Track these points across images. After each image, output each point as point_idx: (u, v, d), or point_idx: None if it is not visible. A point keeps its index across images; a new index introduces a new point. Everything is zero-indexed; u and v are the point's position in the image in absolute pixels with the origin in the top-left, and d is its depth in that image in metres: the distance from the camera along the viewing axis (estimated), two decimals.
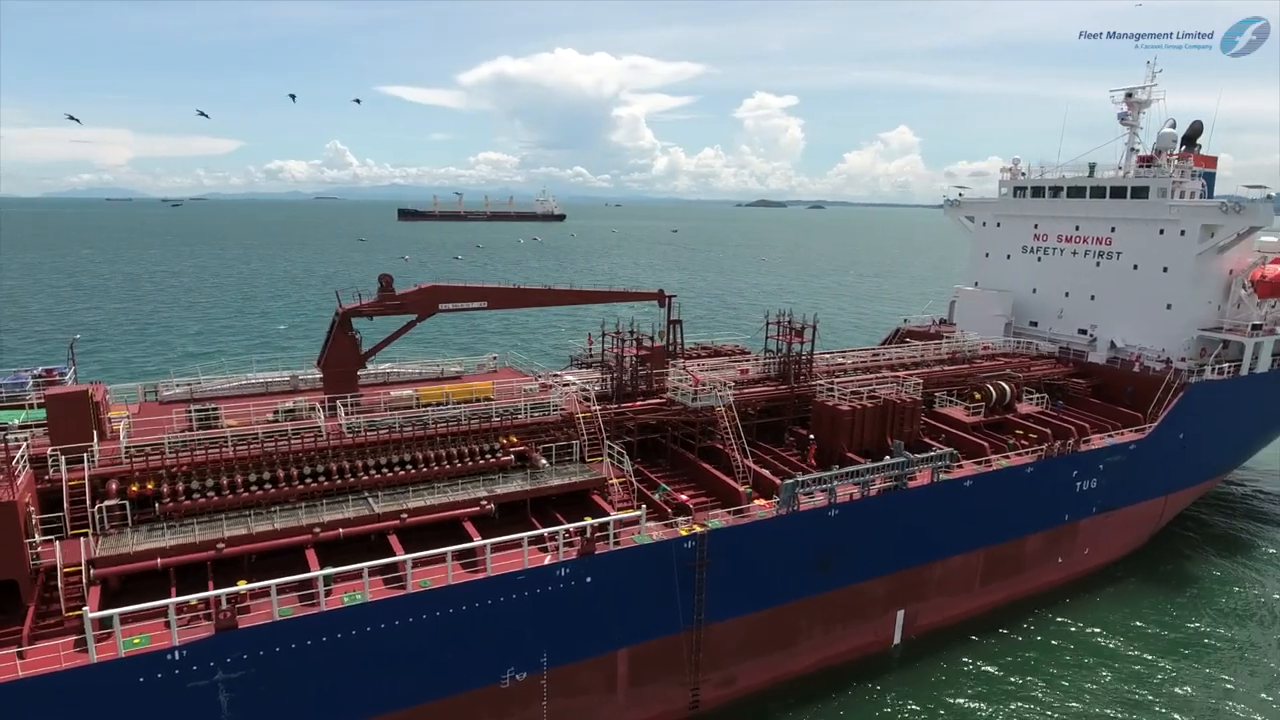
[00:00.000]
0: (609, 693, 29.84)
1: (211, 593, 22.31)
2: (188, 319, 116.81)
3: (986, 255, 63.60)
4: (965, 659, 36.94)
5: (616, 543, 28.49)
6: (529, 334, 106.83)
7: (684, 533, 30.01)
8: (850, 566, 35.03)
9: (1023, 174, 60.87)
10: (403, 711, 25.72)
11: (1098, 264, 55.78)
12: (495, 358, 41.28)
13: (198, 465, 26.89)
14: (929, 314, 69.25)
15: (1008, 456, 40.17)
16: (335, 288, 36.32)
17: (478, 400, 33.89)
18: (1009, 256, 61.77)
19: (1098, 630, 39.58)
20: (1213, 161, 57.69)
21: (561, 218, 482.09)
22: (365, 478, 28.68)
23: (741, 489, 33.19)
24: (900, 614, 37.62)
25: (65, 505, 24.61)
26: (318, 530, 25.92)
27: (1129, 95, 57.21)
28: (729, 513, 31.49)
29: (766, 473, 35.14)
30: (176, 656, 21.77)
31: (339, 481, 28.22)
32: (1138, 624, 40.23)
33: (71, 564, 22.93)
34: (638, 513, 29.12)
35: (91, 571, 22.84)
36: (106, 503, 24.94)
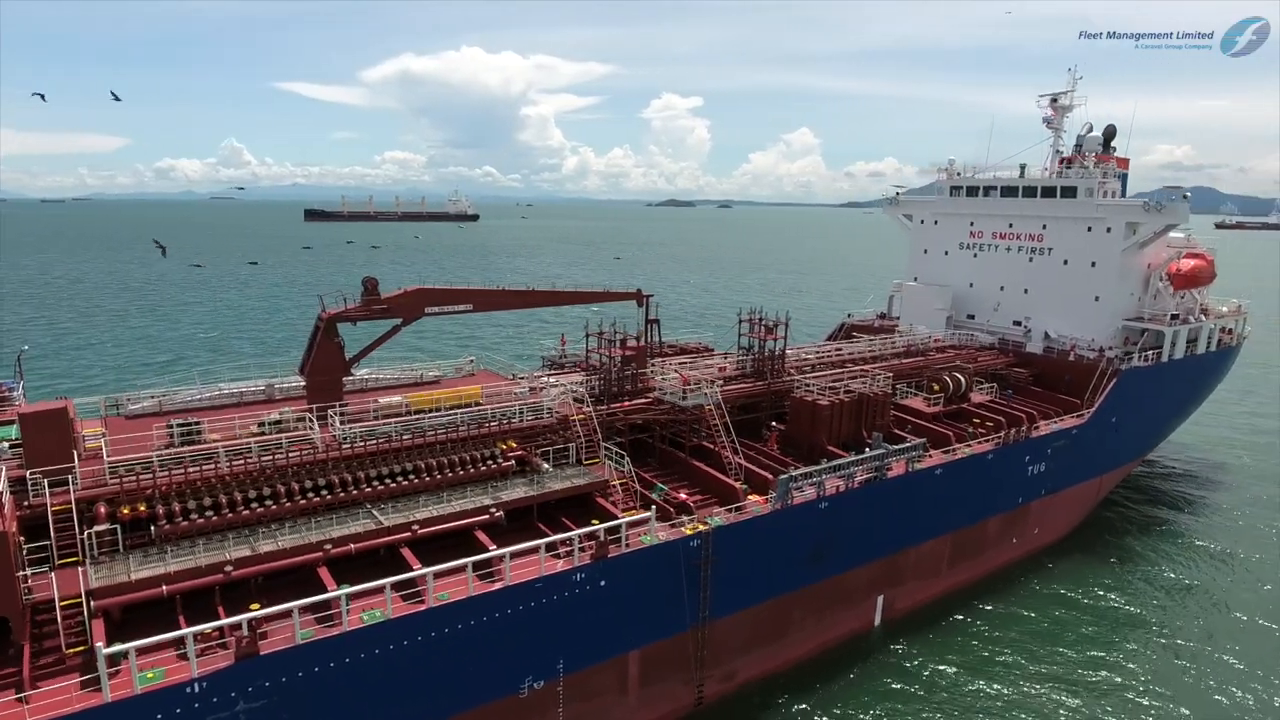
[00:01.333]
0: (620, 695, 29.82)
1: (234, 618, 21.08)
2: (101, 328, 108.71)
3: (925, 252, 66.47)
4: (938, 637, 38.63)
5: (626, 545, 28.49)
6: (493, 337, 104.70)
7: (688, 531, 30.26)
8: (838, 557, 36.13)
9: (959, 174, 63.97)
10: None
11: (1030, 259, 59.19)
12: (472, 360, 40.46)
13: (192, 483, 25.30)
14: (869, 309, 72.02)
15: (969, 445, 42.23)
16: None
17: (470, 405, 33.17)
18: (947, 253, 64.75)
19: (1050, 603, 42.15)
20: (1126, 163, 62.18)
21: (475, 218, 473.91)
22: (368, 489, 27.65)
23: (738, 486, 33.70)
24: (880, 599, 39.04)
25: (51, 533, 22.73)
26: (329, 547, 24.85)
27: (1054, 100, 61.05)
28: (729, 510, 31.93)
29: (756, 468, 35.77)
30: (196, 689, 20.49)
31: (341, 495, 27.10)
32: (1082, 596, 42.98)
33: (69, 596, 21.22)
34: (649, 514, 29.16)
35: (92, 603, 21.17)
36: (97, 528, 23.20)
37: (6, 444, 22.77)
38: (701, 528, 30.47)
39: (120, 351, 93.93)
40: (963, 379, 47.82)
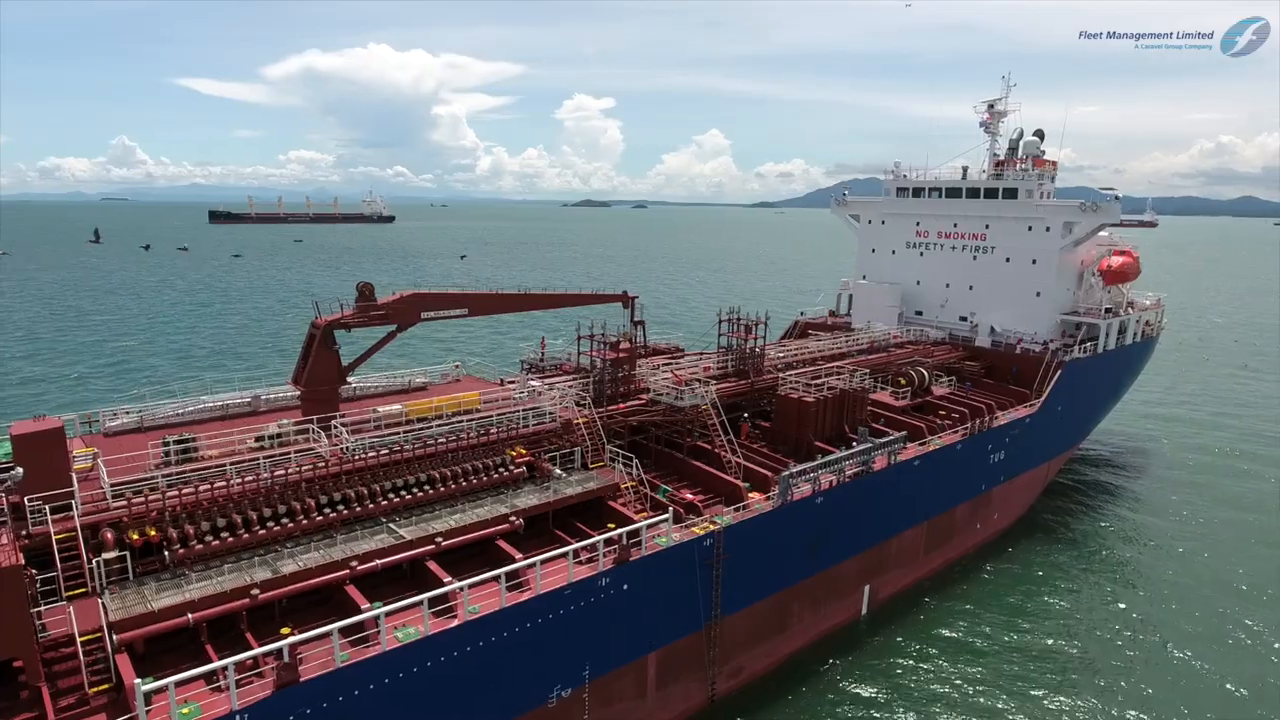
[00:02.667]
0: (640, 698, 29.79)
1: (274, 644, 20.00)
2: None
3: (873, 251, 68.79)
4: (919, 621, 40.11)
5: (644, 548, 28.50)
6: (462, 341, 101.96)
7: (699, 531, 30.52)
8: (831, 550, 37.11)
9: (905, 176, 66.52)
10: None
11: (975, 258, 62.13)
12: (458, 366, 39.56)
13: (203, 503, 23.85)
14: (820, 306, 74.12)
15: (940, 436, 44.04)
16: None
17: (470, 412, 32.48)
18: (894, 252, 67.22)
19: (1014, 581, 44.50)
20: (1054, 164, 66.03)
21: (391, 219, 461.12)
22: (384, 503, 26.71)
23: (742, 484, 34.16)
24: (867, 588, 40.26)
25: (57, 563, 21.02)
26: (355, 564, 23.89)
27: (990, 106, 64.27)
28: (736, 509, 32.35)
29: (753, 466, 36.32)
30: None
31: (358, 509, 26.09)
32: (1040, 573, 45.55)
33: (89, 630, 19.68)
34: (666, 515, 29.24)
35: (114, 637, 19.71)
36: (105, 555, 21.61)
37: (20, 471, 20.82)
38: (711, 527, 30.79)
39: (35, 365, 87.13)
40: (925, 373, 49.88)
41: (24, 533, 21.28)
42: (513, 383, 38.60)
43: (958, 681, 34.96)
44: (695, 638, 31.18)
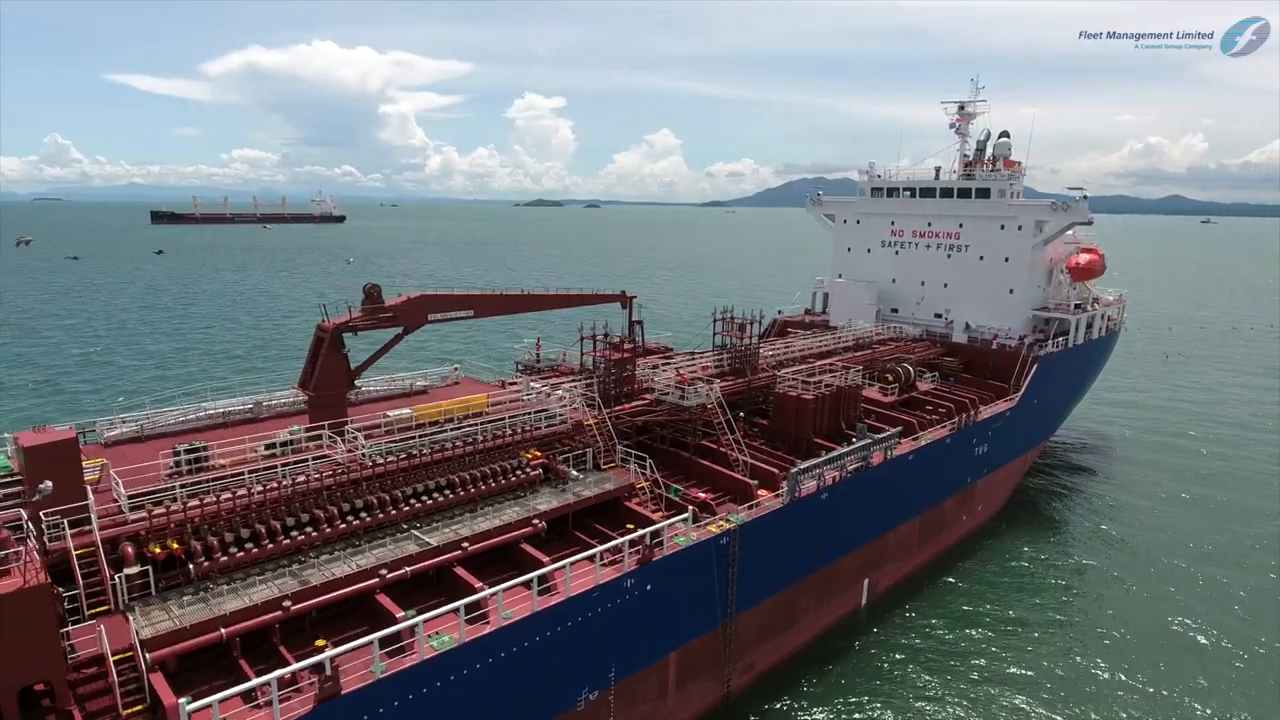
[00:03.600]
0: (661, 698, 29.80)
1: (316, 658, 19.45)
2: None
3: (849, 250, 69.81)
4: (914, 612, 40.94)
5: (664, 548, 28.50)
6: (433, 343, 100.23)
7: (715, 530, 30.64)
8: (834, 545, 37.64)
9: (879, 176, 67.71)
10: None
11: (949, 256, 63.57)
12: (457, 368, 38.98)
13: (225, 514, 23.05)
14: (796, 305, 74.97)
15: (930, 431, 44.98)
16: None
17: (479, 414, 32.05)
18: (869, 251, 68.32)
19: (1000, 572, 45.77)
20: (1018, 164, 67.92)
21: (341, 219, 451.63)
22: (406, 508, 26.18)
23: (752, 481, 34.39)
24: (866, 581, 40.92)
25: (79, 580, 20.09)
26: (384, 572, 23.37)
27: (961, 108, 65.86)
28: (748, 506, 32.56)
29: (759, 463, 36.59)
30: None
31: (380, 516, 25.51)
32: (1024, 561, 46.93)
33: (120, 649, 18.86)
34: (686, 514, 29.29)
35: (146, 655, 18.91)
36: (127, 570, 20.73)
37: (49, 484, 19.66)
38: (726, 525, 30.94)
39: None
40: (910, 369, 50.90)
41: (41, 549, 20.27)
42: (513, 384, 38.22)
43: (957, 667, 35.88)
44: (712, 636, 31.32)
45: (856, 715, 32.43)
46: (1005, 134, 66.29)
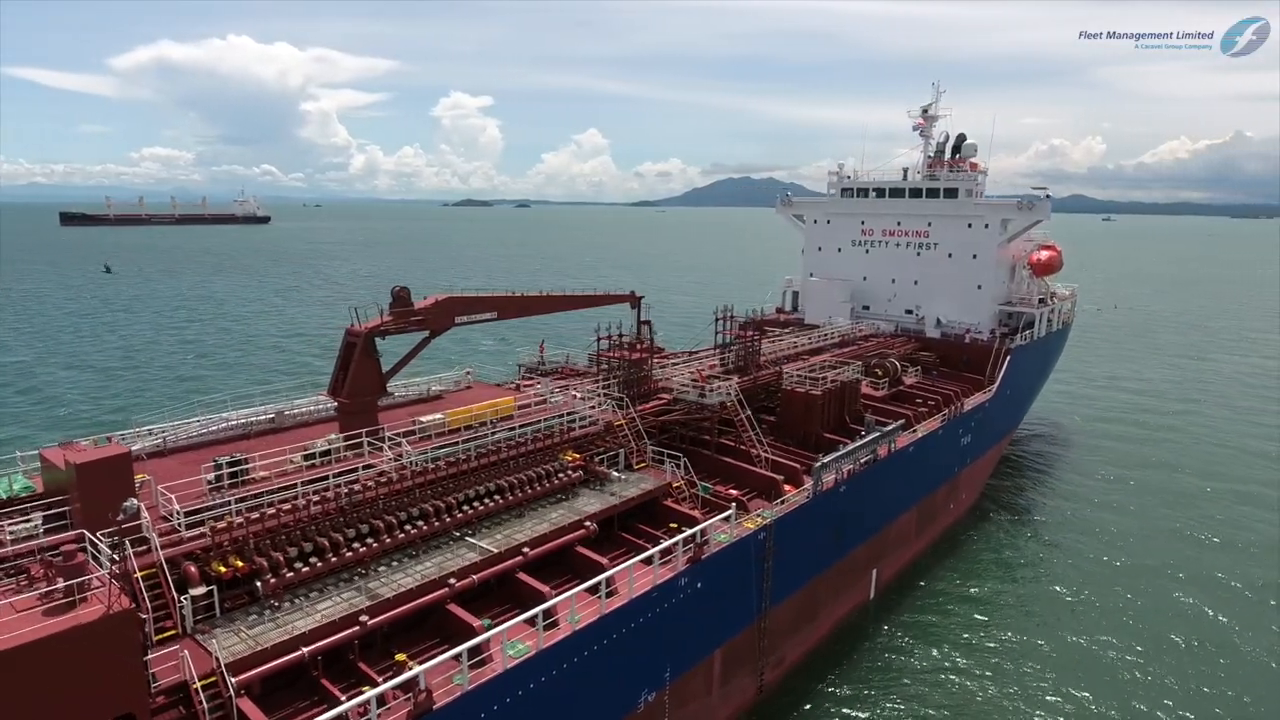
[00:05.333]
0: (707, 695, 29.90)
1: (411, 673, 18.82)
2: None
3: (820, 249, 71.26)
4: (918, 600, 42.19)
5: (709, 546, 28.62)
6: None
7: (750, 526, 30.94)
8: (849, 537, 38.46)
9: (848, 177, 69.37)
10: None
11: (918, 254, 65.61)
12: (469, 373, 38.15)
13: (285, 528, 22.02)
14: (769, 304, 76.03)
15: (923, 423, 46.35)
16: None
17: (508, 418, 31.49)
18: (840, 250, 69.92)
19: (987, 553, 47.89)
20: (975, 165, 70.61)
21: (266, 220, 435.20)
22: (460, 515, 25.54)
23: (778, 477, 34.79)
24: (874, 572, 41.91)
25: (146, 604, 18.88)
26: (453, 581, 22.75)
27: (925, 111, 68.06)
28: (778, 502, 32.94)
29: (778, 459, 37.03)
30: None
31: (436, 524, 24.82)
32: (1007, 545, 49.05)
33: (205, 675, 17.82)
34: (729, 512, 29.45)
35: (232, 679, 17.92)
36: (193, 591, 19.60)
37: (134, 502, 18.19)
38: (761, 521, 31.28)
39: None
40: (897, 364, 52.36)
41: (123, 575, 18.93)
42: (528, 387, 37.69)
43: (966, 646, 37.21)
44: (750, 631, 31.60)
45: (881, 703, 33.16)
46: (962, 136, 69.02)
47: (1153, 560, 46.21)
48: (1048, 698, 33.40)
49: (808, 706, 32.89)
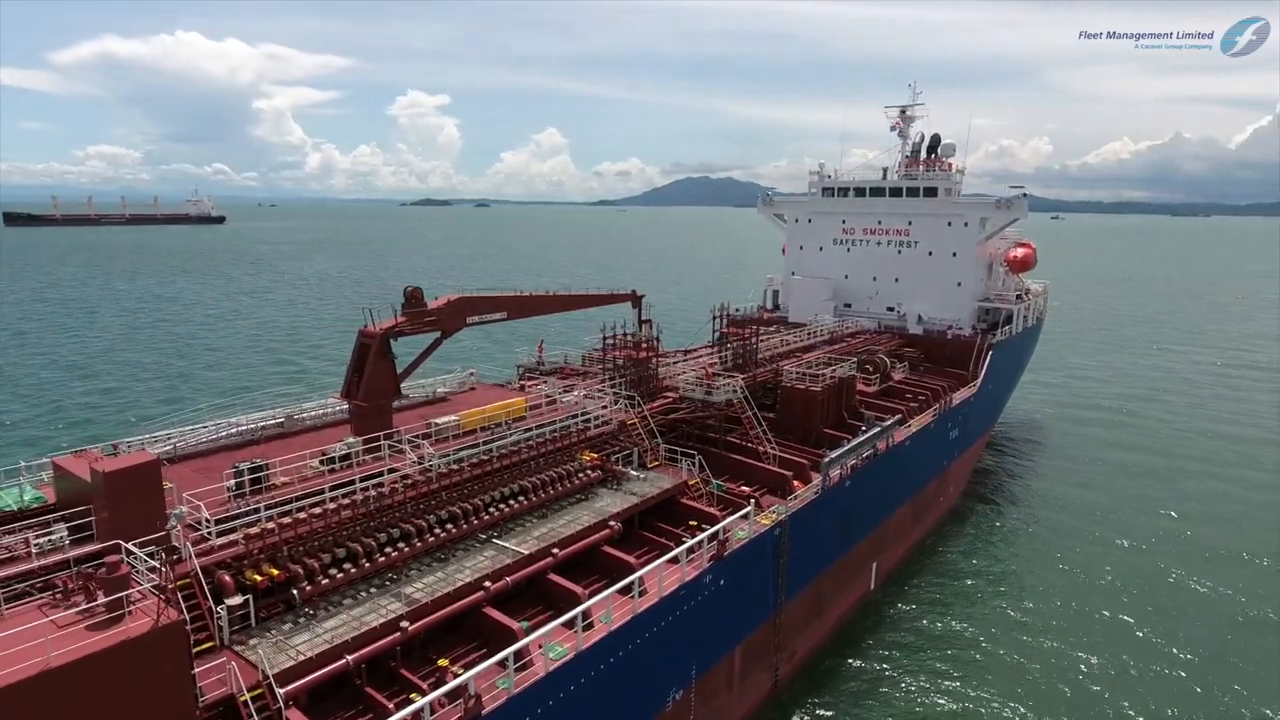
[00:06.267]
0: (729, 692, 29.98)
1: (460, 679, 18.52)
2: None
3: (801, 248, 71.92)
4: (916, 590, 42.89)
5: (730, 543, 28.72)
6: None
7: (766, 523, 31.12)
8: (853, 531, 38.92)
9: (829, 176, 70.13)
10: None
11: (899, 252, 66.61)
12: (472, 374, 37.69)
13: (316, 534, 21.49)
14: (751, 303, 76.44)
15: (917, 418, 47.09)
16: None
17: (518, 419, 31.20)
18: (821, 248, 70.67)
19: (977, 543, 48.89)
20: (950, 164, 71.86)
21: (221, 219, 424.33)
22: (486, 517, 25.22)
23: (787, 473, 35.02)
24: (874, 565, 42.47)
25: (185, 615, 18.18)
26: (489, 584, 22.45)
27: (903, 111, 69.17)
28: (791, 498, 33.16)
29: (786, 455, 37.28)
30: None
31: (465, 527, 24.48)
32: (999, 540, 50.16)
33: (252, 687, 17.30)
34: (747, 509, 29.57)
35: (280, 691, 17.43)
36: (229, 601, 19.03)
37: (183, 510, 17.49)
38: (776, 517, 31.47)
39: None
40: (887, 360, 53.13)
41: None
42: (532, 387, 37.39)
43: (959, 635, 37.91)
44: (766, 626, 31.79)
45: (892, 690, 33.58)
46: (937, 136, 70.22)
47: (1130, 535, 48.92)
48: (1051, 671, 34.93)
49: (822, 698, 33.17)
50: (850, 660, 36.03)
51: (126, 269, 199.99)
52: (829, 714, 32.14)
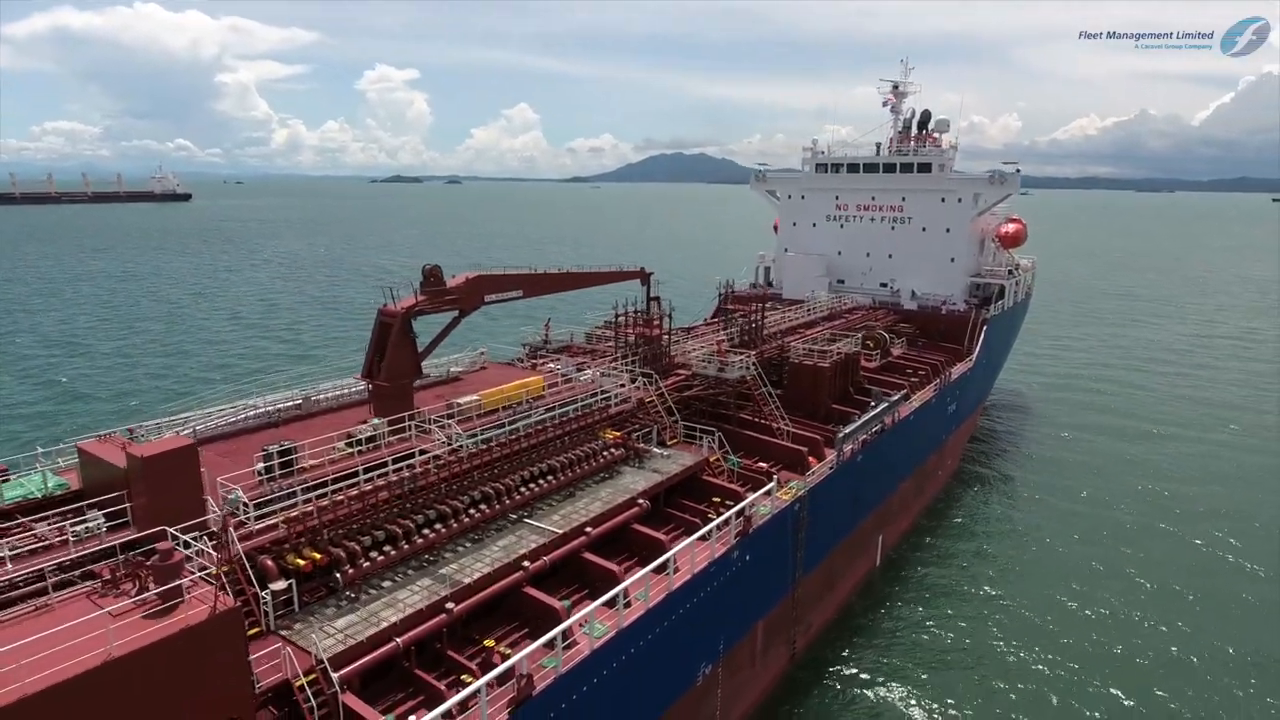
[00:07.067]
0: (751, 666, 30.26)
1: (511, 660, 18.46)
2: None
3: (794, 224, 71.85)
4: (918, 563, 43.58)
5: (754, 519, 28.85)
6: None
7: (785, 498, 31.29)
8: (862, 505, 39.33)
9: (822, 153, 69.95)
10: None
11: (893, 228, 66.80)
12: (483, 353, 37.27)
13: (354, 517, 21.18)
14: (743, 279, 76.36)
15: (919, 393, 47.52)
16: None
17: (537, 398, 30.94)
18: (815, 225, 70.65)
19: (974, 515, 49.85)
20: (937, 139, 71.89)
21: (187, 197, 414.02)
22: (518, 496, 25.05)
23: (802, 449, 35.19)
24: (880, 538, 43.02)
25: (231, 599, 17.87)
26: (527, 564, 22.33)
27: (895, 87, 69.03)
28: (808, 473, 33.35)
29: (799, 430, 37.41)
30: None
31: (497, 506, 24.28)
32: (996, 510, 51.12)
33: (307, 672, 17.06)
34: (771, 485, 29.69)
35: (335, 675, 17.21)
36: (273, 586, 18.70)
37: (240, 494, 16.93)
38: (794, 493, 31.65)
39: None
40: (886, 336, 53.48)
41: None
42: (542, 366, 37.09)
43: (969, 603, 38.84)
44: (786, 601, 32.09)
45: (902, 660, 34.17)
46: (927, 112, 70.26)
47: (1118, 499, 51.16)
48: (1051, 627, 36.52)
49: (836, 670, 33.67)
50: (861, 632, 36.59)
51: (100, 248, 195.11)
52: (843, 684, 32.63)
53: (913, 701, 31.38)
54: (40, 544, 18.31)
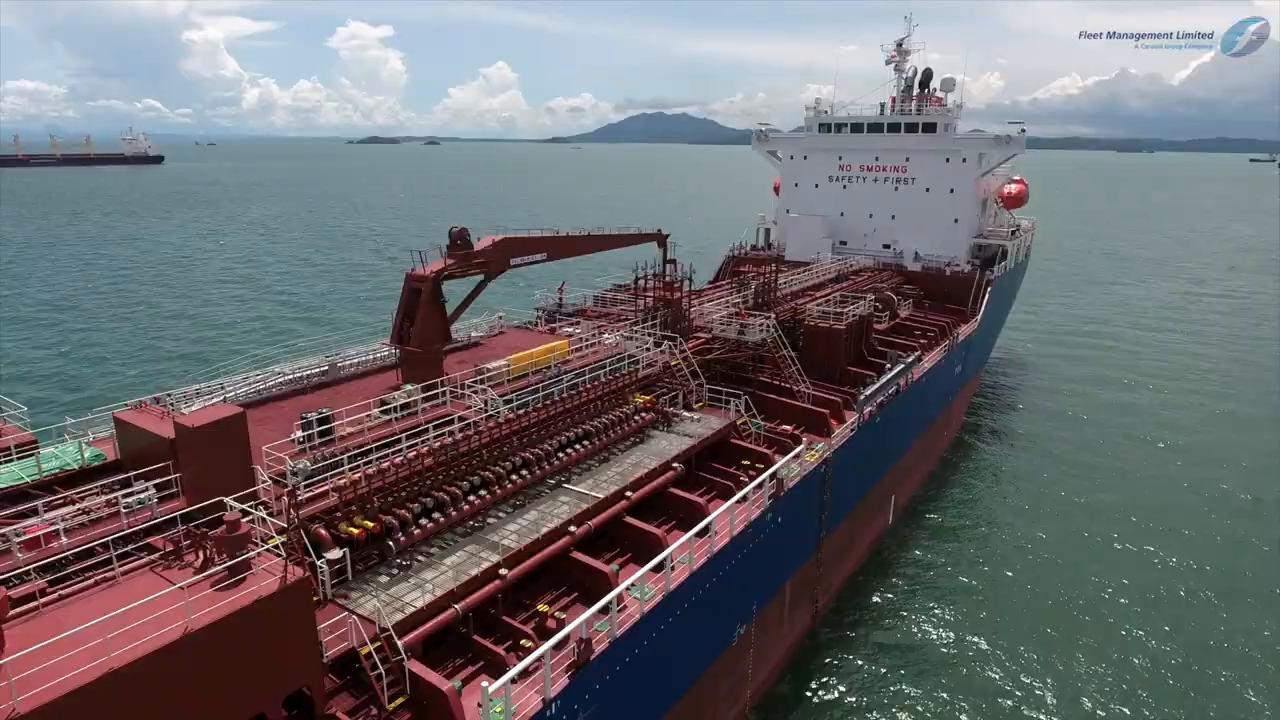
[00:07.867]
0: (779, 625, 30.67)
1: (571, 625, 18.50)
2: None
3: (796, 185, 71.19)
4: (930, 524, 44.26)
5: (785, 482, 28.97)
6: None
7: (811, 460, 31.43)
8: (878, 465, 39.67)
9: (825, 111, 69.08)
10: (681, 700, 24.00)
11: (896, 189, 66.40)
12: (501, 317, 36.85)
13: (401, 484, 20.98)
14: (745, 240, 75.89)
15: (929, 354, 47.69)
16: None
17: (563, 362, 30.71)
18: (817, 185, 70.05)
19: (984, 471, 50.76)
20: (941, 101, 71.34)
21: (159, 159, 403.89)
22: (557, 461, 24.96)
23: (824, 411, 35.28)
24: (893, 499, 43.50)
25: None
26: (574, 529, 22.30)
27: (899, 45, 68.05)
28: (832, 435, 33.48)
29: (819, 393, 37.48)
30: (551, 711, 17.89)
31: (539, 472, 24.19)
32: (1003, 467, 51.88)
33: (372, 639, 17.00)
34: (800, 448, 29.78)
35: (399, 642, 17.16)
36: (329, 555, 18.54)
37: (307, 464, 16.63)
38: (820, 455, 31.80)
39: None
40: (895, 298, 53.47)
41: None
42: (560, 328, 36.79)
43: (980, 559, 39.89)
44: (811, 561, 32.46)
45: (921, 616, 34.82)
46: (929, 71, 69.43)
47: (1115, 459, 52.64)
48: (1061, 582, 37.17)
49: (857, 629, 34.26)
50: (879, 590, 37.18)
51: (79, 211, 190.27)
52: (863, 641, 33.24)
53: (931, 655, 32.14)
54: (89, 516, 18.00)
